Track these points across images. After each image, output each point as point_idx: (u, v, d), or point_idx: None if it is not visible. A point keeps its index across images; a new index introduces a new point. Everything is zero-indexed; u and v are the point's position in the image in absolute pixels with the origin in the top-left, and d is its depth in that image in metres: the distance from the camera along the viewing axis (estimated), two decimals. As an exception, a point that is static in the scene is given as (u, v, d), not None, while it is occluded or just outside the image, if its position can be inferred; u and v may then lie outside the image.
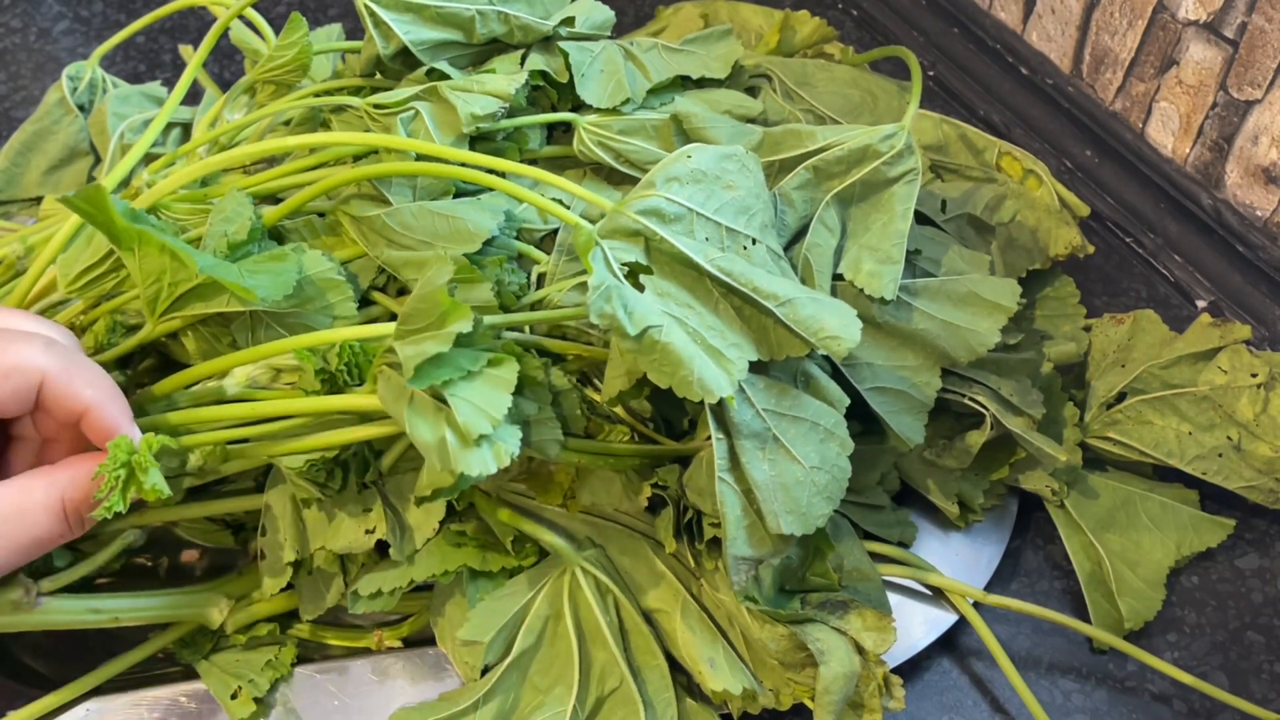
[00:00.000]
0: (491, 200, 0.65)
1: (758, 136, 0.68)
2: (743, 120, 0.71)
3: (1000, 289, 0.66)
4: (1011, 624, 0.68)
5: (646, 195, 0.55)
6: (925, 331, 0.64)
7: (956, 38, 0.95)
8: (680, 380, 0.52)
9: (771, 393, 0.56)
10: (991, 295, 0.66)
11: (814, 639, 0.60)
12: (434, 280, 0.52)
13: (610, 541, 0.64)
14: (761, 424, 0.56)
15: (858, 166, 0.65)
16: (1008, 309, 0.65)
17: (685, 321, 0.54)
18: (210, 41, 0.75)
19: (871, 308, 0.64)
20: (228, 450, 0.60)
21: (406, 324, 0.52)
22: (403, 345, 0.51)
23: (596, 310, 0.51)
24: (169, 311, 0.62)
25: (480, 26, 0.70)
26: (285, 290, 0.59)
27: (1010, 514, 0.71)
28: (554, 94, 0.71)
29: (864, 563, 0.66)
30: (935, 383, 0.64)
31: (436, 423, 0.49)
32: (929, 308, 0.65)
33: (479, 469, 0.49)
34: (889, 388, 0.64)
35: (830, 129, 0.66)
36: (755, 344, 0.56)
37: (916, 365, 0.64)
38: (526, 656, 0.62)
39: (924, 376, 0.64)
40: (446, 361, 0.50)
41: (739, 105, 0.72)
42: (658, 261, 0.56)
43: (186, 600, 0.65)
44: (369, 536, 0.62)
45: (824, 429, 0.57)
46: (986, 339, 0.65)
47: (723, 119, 0.70)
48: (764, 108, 0.75)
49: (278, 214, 0.65)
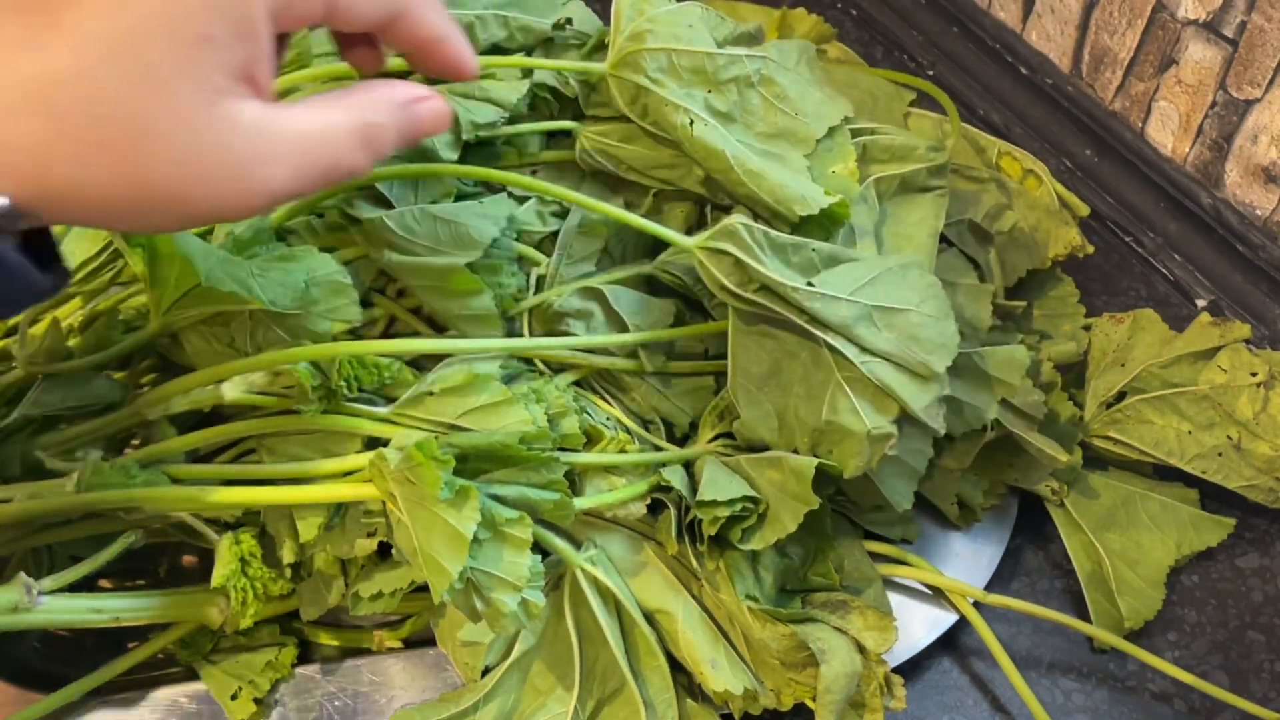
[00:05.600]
0: (494, 204, 0.65)
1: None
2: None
3: (1006, 363, 0.66)
4: (1012, 623, 0.68)
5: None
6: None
7: (956, 37, 0.95)
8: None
9: (840, 281, 0.59)
10: (996, 371, 0.66)
11: (815, 639, 0.60)
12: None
13: (610, 543, 0.64)
14: (855, 306, 0.59)
15: (901, 161, 0.65)
16: (1010, 385, 0.65)
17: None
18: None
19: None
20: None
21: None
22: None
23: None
24: (173, 309, 0.62)
25: (481, 32, 0.70)
26: (294, 294, 0.60)
27: (1010, 514, 0.71)
28: (554, 104, 0.71)
29: (864, 562, 0.67)
30: (928, 452, 0.63)
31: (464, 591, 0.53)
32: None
33: (514, 626, 0.54)
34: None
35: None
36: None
37: (911, 433, 0.62)
38: (527, 657, 0.62)
39: (917, 444, 0.63)
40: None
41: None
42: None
43: (187, 600, 0.65)
44: (370, 540, 0.62)
45: (893, 268, 0.60)
46: (985, 415, 0.65)
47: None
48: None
49: (283, 215, 0.65)
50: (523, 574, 0.54)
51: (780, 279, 0.59)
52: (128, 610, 0.63)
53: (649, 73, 0.65)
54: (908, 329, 0.60)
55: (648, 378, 0.66)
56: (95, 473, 0.61)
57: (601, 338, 0.64)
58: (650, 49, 0.65)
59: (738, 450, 0.64)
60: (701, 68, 0.65)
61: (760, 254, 0.59)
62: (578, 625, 0.62)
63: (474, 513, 0.52)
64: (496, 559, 0.54)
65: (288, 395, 0.63)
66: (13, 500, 0.64)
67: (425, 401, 0.59)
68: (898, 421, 0.60)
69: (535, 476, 0.57)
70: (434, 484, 0.52)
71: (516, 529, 0.54)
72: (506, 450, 0.56)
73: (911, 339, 0.60)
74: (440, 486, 0.52)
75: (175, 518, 0.63)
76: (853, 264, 0.61)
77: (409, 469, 0.53)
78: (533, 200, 0.69)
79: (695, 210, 0.70)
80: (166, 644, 0.67)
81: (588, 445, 0.62)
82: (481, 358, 0.61)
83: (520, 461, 0.56)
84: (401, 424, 0.60)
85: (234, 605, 0.61)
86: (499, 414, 0.58)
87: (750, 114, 0.66)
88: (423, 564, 0.53)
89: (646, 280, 0.68)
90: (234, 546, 0.62)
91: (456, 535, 0.52)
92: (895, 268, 0.61)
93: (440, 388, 0.59)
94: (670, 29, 0.66)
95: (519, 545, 0.54)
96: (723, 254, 0.60)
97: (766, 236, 0.60)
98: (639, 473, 0.64)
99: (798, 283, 0.59)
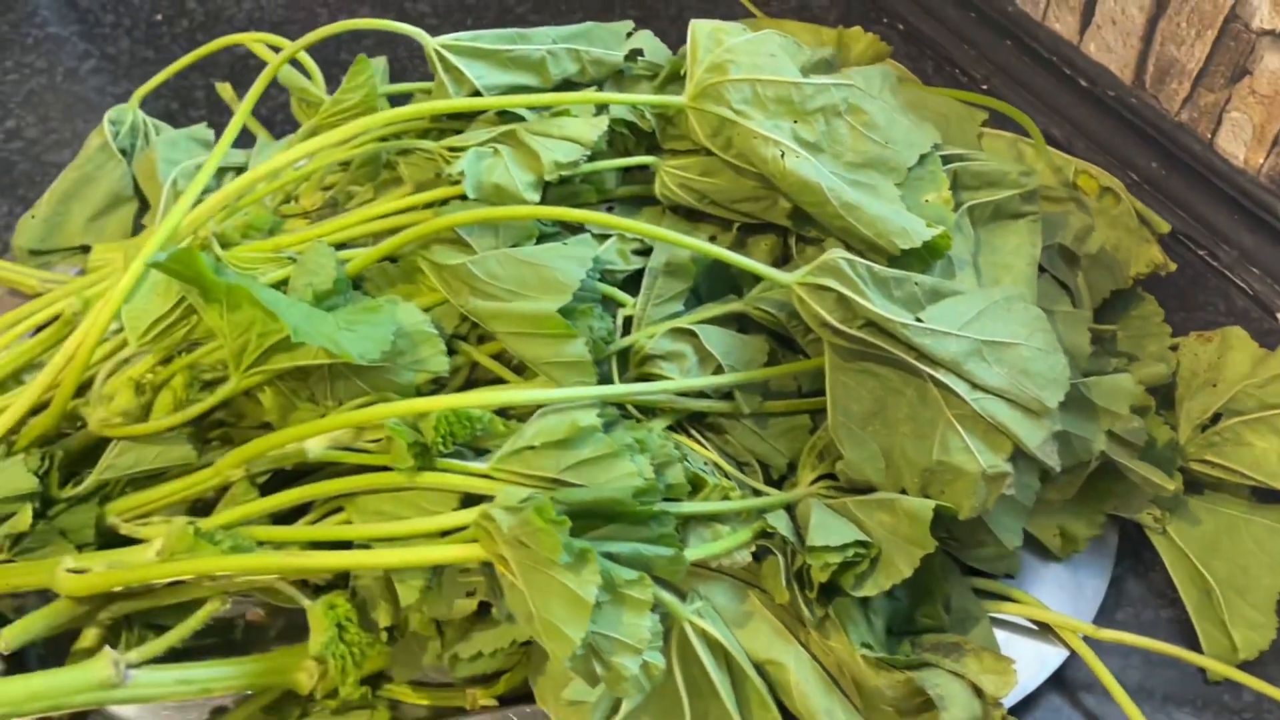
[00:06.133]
0: (578, 245, 0.63)
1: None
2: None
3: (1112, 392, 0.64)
4: (1121, 656, 0.67)
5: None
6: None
7: (1010, 50, 0.93)
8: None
9: (947, 315, 0.58)
10: (1102, 400, 0.64)
11: (932, 684, 0.58)
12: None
13: (714, 592, 0.62)
14: (964, 342, 0.57)
15: (993, 188, 0.64)
16: (1117, 415, 0.64)
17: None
18: (259, 88, 0.73)
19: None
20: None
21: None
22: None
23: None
24: (255, 366, 0.60)
25: (553, 68, 0.68)
26: (382, 347, 0.58)
27: (1110, 543, 0.70)
28: (630, 138, 0.69)
29: (970, 600, 0.65)
30: (1035, 486, 0.62)
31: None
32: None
33: (635, 691, 0.52)
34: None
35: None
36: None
37: (1019, 468, 0.60)
38: (634, 715, 0.60)
39: (1025, 479, 0.61)
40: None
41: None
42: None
43: (275, 665, 0.63)
44: (470, 600, 0.60)
45: (999, 302, 0.59)
46: (1094, 446, 0.63)
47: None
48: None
49: (362, 263, 0.63)
50: (644, 636, 0.52)
51: (887, 314, 0.57)
52: (217, 680, 0.61)
53: (733, 104, 0.63)
54: (1019, 364, 0.58)
55: (744, 419, 0.64)
56: (180, 539, 0.59)
57: (698, 380, 0.62)
58: (733, 80, 0.63)
59: (841, 492, 0.63)
60: (788, 98, 0.63)
61: (865, 289, 0.57)
62: (687, 680, 0.59)
63: (594, 576, 0.50)
64: (616, 622, 0.52)
65: (371, 450, 0.62)
66: (91, 570, 0.62)
67: (526, 455, 0.57)
68: (1011, 459, 0.58)
69: (646, 532, 0.55)
70: (554, 549, 0.50)
71: (636, 590, 0.52)
72: (619, 507, 0.54)
73: (1023, 374, 0.58)
74: (560, 552, 0.50)
75: (263, 583, 0.61)
76: (957, 298, 0.59)
77: (525, 532, 0.51)
78: (613, 239, 0.67)
79: (779, 243, 0.68)
80: (252, 712, 0.65)
81: (691, 494, 0.60)
82: (578, 406, 0.59)
83: (631, 517, 0.54)
84: (501, 479, 0.58)
85: (333, 673, 0.59)
86: (605, 467, 0.56)
87: (838, 144, 0.64)
88: (541, 630, 0.51)
89: (736, 318, 0.66)
90: (330, 612, 0.60)
91: (577, 600, 0.50)
92: (1001, 300, 0.60)
93: (541, 441, 0.57)
94: (752, 59, 0.64)
95: (639, 607, 0.52)
96: (824, 290, 0.58)
97: (870, 271, 0.58)
98: (741, 519, 0.62)
99: (905, 318, 0.57)
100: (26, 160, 0.99)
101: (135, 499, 0.65)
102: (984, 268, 0.64)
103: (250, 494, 0.63)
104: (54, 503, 0.65)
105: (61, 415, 0.65)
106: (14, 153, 0.99)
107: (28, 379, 0.72)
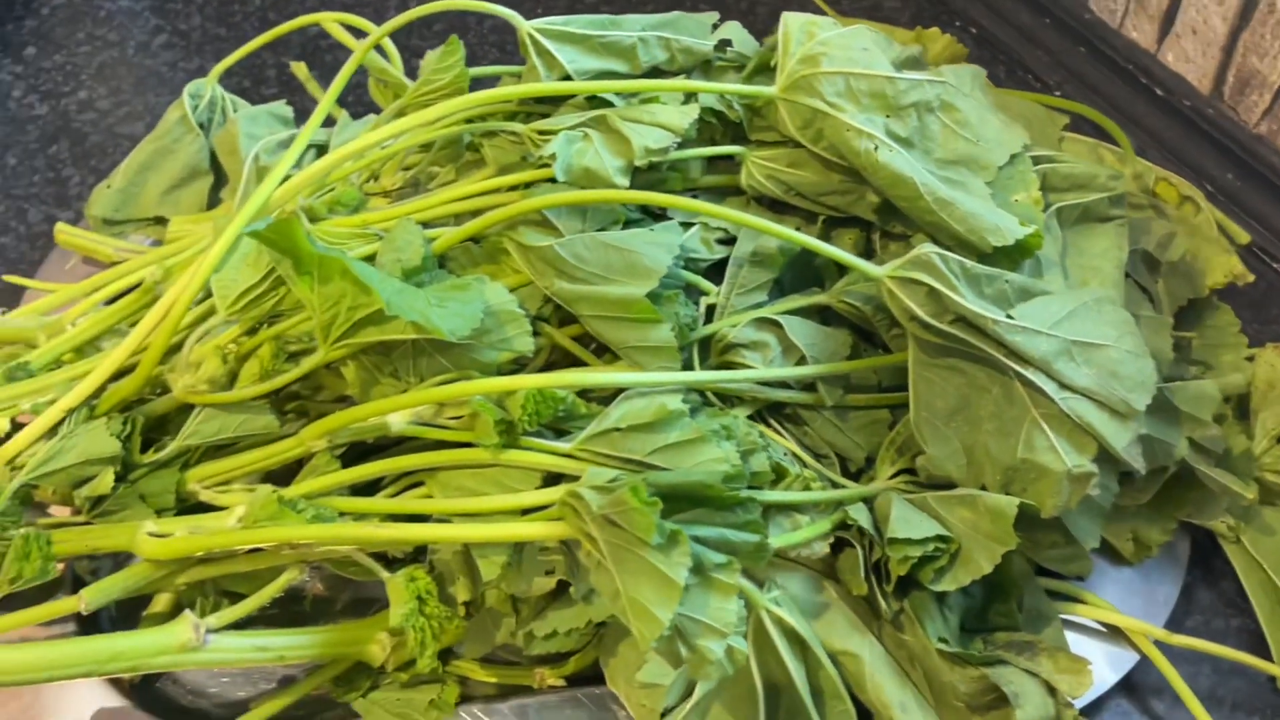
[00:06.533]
0: (665, 232, 0.63)
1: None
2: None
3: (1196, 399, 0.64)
4: (1191, 663, 0.67)
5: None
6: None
7: (1084, 57, 0.93)
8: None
9: (1038, 314, 0.58)
10: (1186, 406, 0.64)
11: (1007, 681, 0.59)
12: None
13: (791, 582, 0.62)
14: (1054, 341, 0.57)
15: (1081, 190, 0.64)
16: (1200, 422, 0.64)
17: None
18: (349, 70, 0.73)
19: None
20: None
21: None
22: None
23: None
24: (342, 339, 0.60)
25: (643, 55, 0.69)
26: (473, 324, 0.58)
27: (1183, 550, 0.69)
28: (718, 128, 0.69)
29: (1043, 601, 0.65)
30: (1114, 488, 0.62)
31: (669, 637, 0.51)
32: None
33: (718, 674, 0.52)
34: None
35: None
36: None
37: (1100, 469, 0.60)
38: (707, 699, 0.60)
39: (1105, 481, 0.61)
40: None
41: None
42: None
43: (348, 636, 0.63)
44: (549, 578, 0.60)
45: (1088, 303, 0.58)
46: (1176, 452, 0.63)
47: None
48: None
49: (449, 241, 0.64)
50: (730, 620, 0.52)
51: (979, 310, 0.57)
52: (292, 648, 0.62)
53: (826, 97, 0.63)
54: (1108, 365, 0.58)
55: (825, 411, 0.65)
56: (264, 507, 0.60)
57: (782, 370, 0.63)
58: (826, 72, 0.64)
59: (920, 487, 0.63)
60: (882, 92, 0.63)
61: (957, 284, 0.57)
62: (761, 668, 0.60)
63: (685, 558, 0.51)
64: (703, 605, 0.52)
65: (451, 427, 0.62)
66: (173, 535, 0.62)
67: (612, 437, 0.58)
68: (1094, 460, 0.58)
69: (732, 518, 0.55)
70: (647, 530, 0.50)
71: (724, 574, 0.52)
72: (707, 491, 0.54)
73: (1112, 376, 0.58)
74: (654, 532, 0.50)
75: (341, 554, 0.61)
76: (1047, 297, 0.59)
77: (616, 512, 0.51)
78: (697, 227, 0.67)
79: (863, 238, 0.68)
80: (323, 681, 0.65)
81: (773, 483, 0.60)
82: (664, 391, 0.60)
83: (717, 502, 0.55)
84: (585, 460, 0.58)
85: (412, 645, 0.59)
86: (692, 452, 0.57)
87: (929, 140, 0.64)
88: (628, 609, 0.52)
89: (819, 310, 0.66)
90: (410, 584, 0.60)
91: (668, 582, 0.50)
92: (1091, 302, 0.60)
93: (628, 423, 0.57)
94: (845, 52, 0.64)
95: (726, 591, 0.52)
96: (916, 283, 0.58)
97: (962, 267, 0.58)
98: (819, 510, 0.62)
99: (996, 315, 0.57)
100: (98, 132, 0.99)
101: (215, 466, 0.65)
102: (1071, 269, 0.64)
103: (332, 465, 0.63)
104: (135, 467, 0.65)
105: (146, 380, 0.65)
106: (86, 124, 1.00)
107: (105, 346, 0.73)
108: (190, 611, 0.59)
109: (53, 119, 1.00)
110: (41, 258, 0.88)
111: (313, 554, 0.62)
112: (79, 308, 0.76)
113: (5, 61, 1.05)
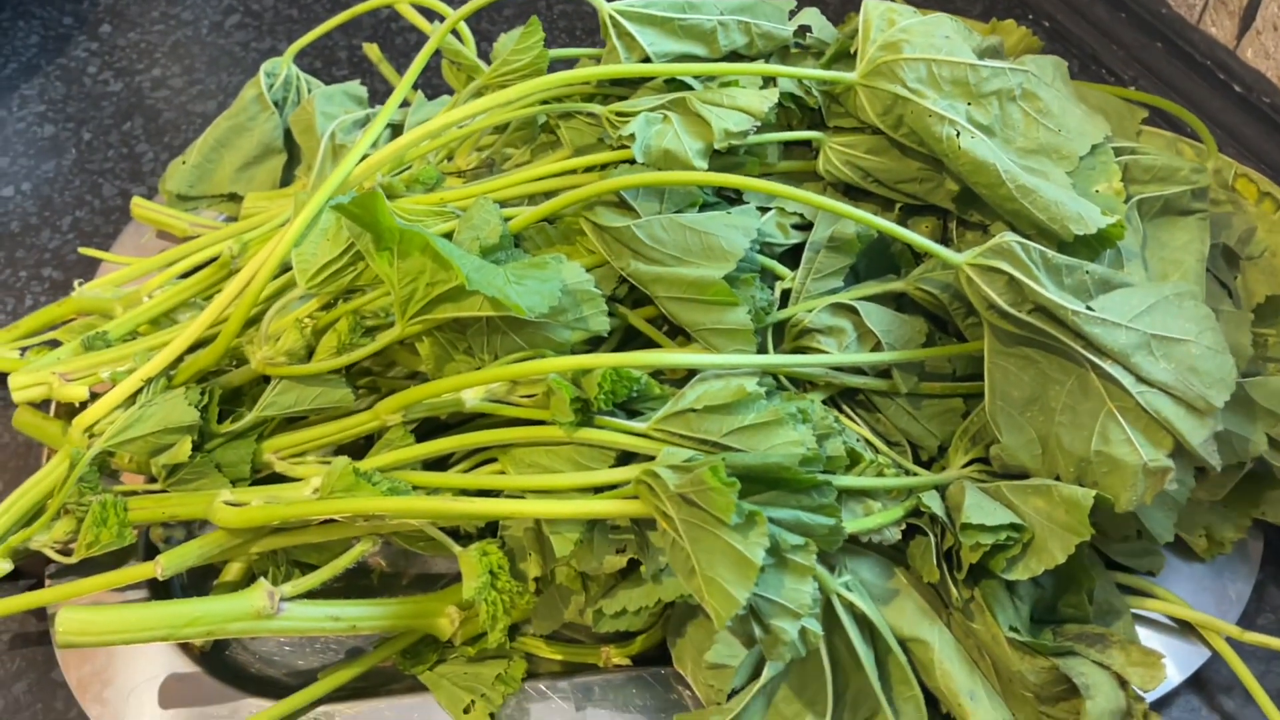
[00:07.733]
0: (742, 215, 0.63)
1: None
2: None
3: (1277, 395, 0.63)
4: (1262, 662, 0.66)
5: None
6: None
7: (1160, 52, 0.92)
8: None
9: (1118, 306, 0.58)
10: (1265, 402, 0.64)
11: (1078, 672, 0.58)
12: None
13: (861, 567, 0.62)
14: (1133, 334, 0.57)
15: (1163, 183, 0.63)
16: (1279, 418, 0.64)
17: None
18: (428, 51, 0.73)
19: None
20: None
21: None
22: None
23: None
24: (419, 314, 0.61)
25: (722, 38, 0.69)
26: (551, 302, 0.58)
27: (1256, 548, 0.69)
28: (796, 113, 0.69)
29: (1114, 594, 0.65)
30: (1190, 483, 0.61)
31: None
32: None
33: (790, 655, 0.52)
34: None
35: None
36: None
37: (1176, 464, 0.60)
38: (774, 682, 0.60)
39: (1181, 476, 0.60)
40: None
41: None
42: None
43: (419, 609, 0.64)
44: (619, 556, 0.60)
45: (1169, 296, 0.58)
46: (1254, 448, 0.63)
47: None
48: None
49: (525, 220, 0.64)
50: (805, 601, 0.52)
51: (1059, 300, 0.57)
52: (364, 619, 0.62)
53: (907, 83, 0.63)
54: (1187, 360, 0.58)
55: (898, 398, 0.64)
56: (341, 478, 0.60)
57: (858, 355, 0.63)
58: (908, 59, 0.63)
59: (993, 476, 0.62)
60: (964, 79, 0.63)
61: (1037, 273, 0.57)
62: (831, 651, 0.60)
63: (763, 539, 0.51)
64: (779, 585, 0.52)
65: (524, 405, 0.62)
66: (250, 504, 0.63)
67: (688, 418, 0.58)
68: (1171, 455, 0.58)
69: (807, 500, 0.55)
70: (726, 509, 0.50)
71: (800, 556, 0.53)
72: (784, 473, 0.54)
73: (1191, 371, 0.57)
74: (733, 511, 0.50)
75: (414, 526, 0.62)
76: (1128, 290, 0.59)
77: (694, 491, 0.51)
78: (773, 211, 0.67)
79: (939, 226, 0.68)
80: (390, 654, 0.66)
81: (847, 468, 0.60)
82: (739, 373, 0.60)
83: (793, 485, 0.55)
84: (660, 440, 0.59)
85: (484, 619, 0.60)
86: (768, 434, 0.57)
87: (1010, 128, 0.64)
88: (703, 588, 0.52)
89: (895, 297, 0.66)
90: (483, 559, 0.60)
91: (745, 561, 0.50)
92: (1172, 296, 0.59)
93: (704, 405, 0.57)
94: (926, 39, 0.64)
95: (802, 572, 0.52)
96: (996, 272, 0.58)
97: (1043, 256, 0.58)
98: (892, 496, 0.62)
99: (1076, 306, 0.57)
100: (171, 109, 1.01)
101: (291, 438, 0.66)
102: (1151, 262, 0.64)
103: (407, 439, 0.64)
104: (211, 436, 0.66)
105: (225, 352, 0.66)
106: (160, 101, 1.01)
107: (181, 318, 0.74)
108: (265, 579, 0.60)
109: (127, 96, 1.02)
110: (116, 231, 0.90)
111: (385, 527, 0.63)
112: (155, 280, 0.77)
113: (81, 39, 1.07)
